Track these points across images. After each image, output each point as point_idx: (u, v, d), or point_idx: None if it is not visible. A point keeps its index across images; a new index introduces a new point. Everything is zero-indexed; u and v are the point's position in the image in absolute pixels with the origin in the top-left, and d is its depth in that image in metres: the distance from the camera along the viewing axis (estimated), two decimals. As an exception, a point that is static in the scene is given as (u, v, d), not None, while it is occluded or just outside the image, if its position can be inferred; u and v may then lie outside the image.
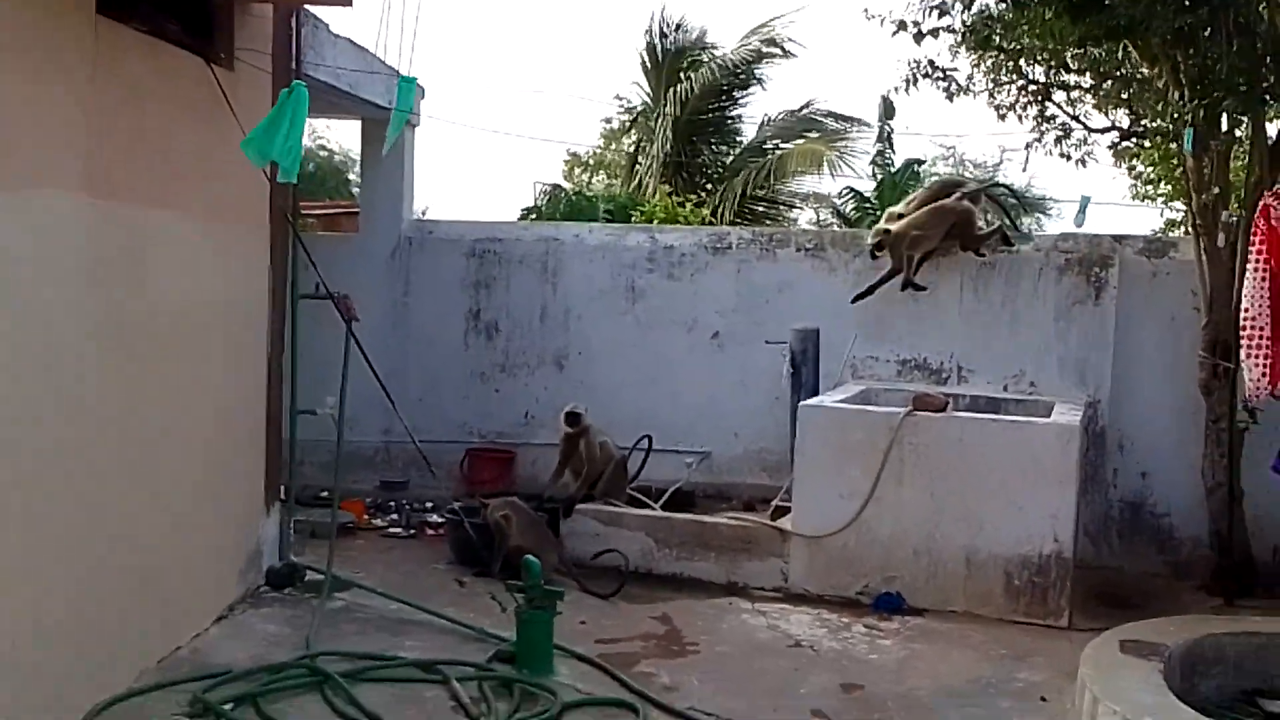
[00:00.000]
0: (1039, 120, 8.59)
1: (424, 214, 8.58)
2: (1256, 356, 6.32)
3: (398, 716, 4.98)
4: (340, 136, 24.47)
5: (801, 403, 7.54)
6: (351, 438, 7.53)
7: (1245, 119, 7.37)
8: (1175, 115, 7.20)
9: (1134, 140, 8.69)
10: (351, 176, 22.01)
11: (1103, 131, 8.62)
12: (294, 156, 4.33)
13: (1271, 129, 7.51)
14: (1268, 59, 7.16)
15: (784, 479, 8.50)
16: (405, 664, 5.58)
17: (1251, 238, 6.40)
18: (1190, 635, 6.06)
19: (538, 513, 7.59)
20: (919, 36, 7.90)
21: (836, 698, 5.60)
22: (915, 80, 8.28)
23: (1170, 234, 11.47)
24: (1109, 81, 8.14)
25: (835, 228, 17.83)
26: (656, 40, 19.30)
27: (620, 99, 22.34)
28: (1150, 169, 11.03)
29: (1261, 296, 6.24)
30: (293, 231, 6.65)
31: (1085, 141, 8.66)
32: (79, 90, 4.66)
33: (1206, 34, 7.05)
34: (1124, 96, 8.26)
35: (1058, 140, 8.61)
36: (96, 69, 4.73)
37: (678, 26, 19.37)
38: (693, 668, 5.92)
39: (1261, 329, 6.25)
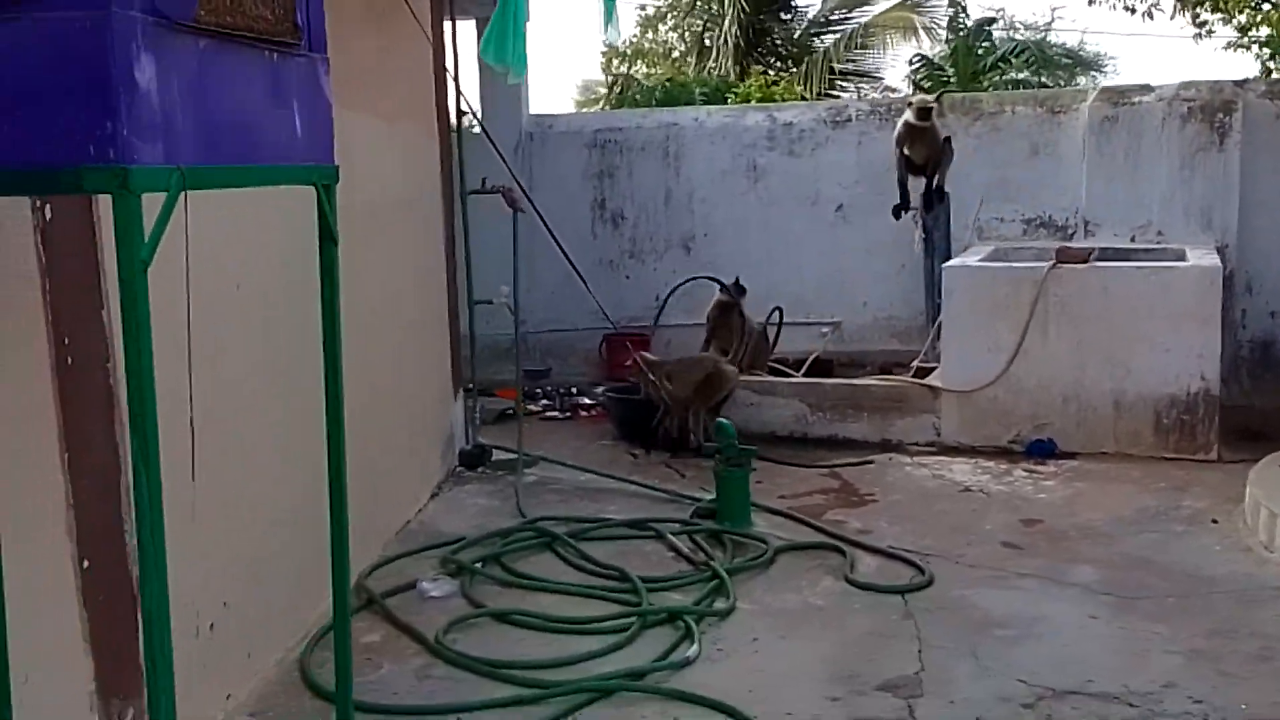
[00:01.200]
0: None
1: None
2: None
3: (627, 567, 5.41)
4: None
5: (945, 264, 7.81)
6: (486, 331, 7.84)
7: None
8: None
9: None
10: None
11: None
12: (522, 54, 4.59)
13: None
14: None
15: (913, 344, 8.83)
16: (619, 524, 6.02)
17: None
18: (1345, 457, 6.39)
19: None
20: None
21: (1020, 531, 5.98)
22: None
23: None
24: None
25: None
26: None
27: None
28: (1246, 16, 11.08)
29: None
30: (458, 130, 6.94)
31: None
32: None
33: None
34: None
35: None
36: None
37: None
38: (877, 514, 6.33)
39: None
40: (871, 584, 5.23)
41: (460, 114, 7.21)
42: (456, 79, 7.00)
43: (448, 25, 7.08)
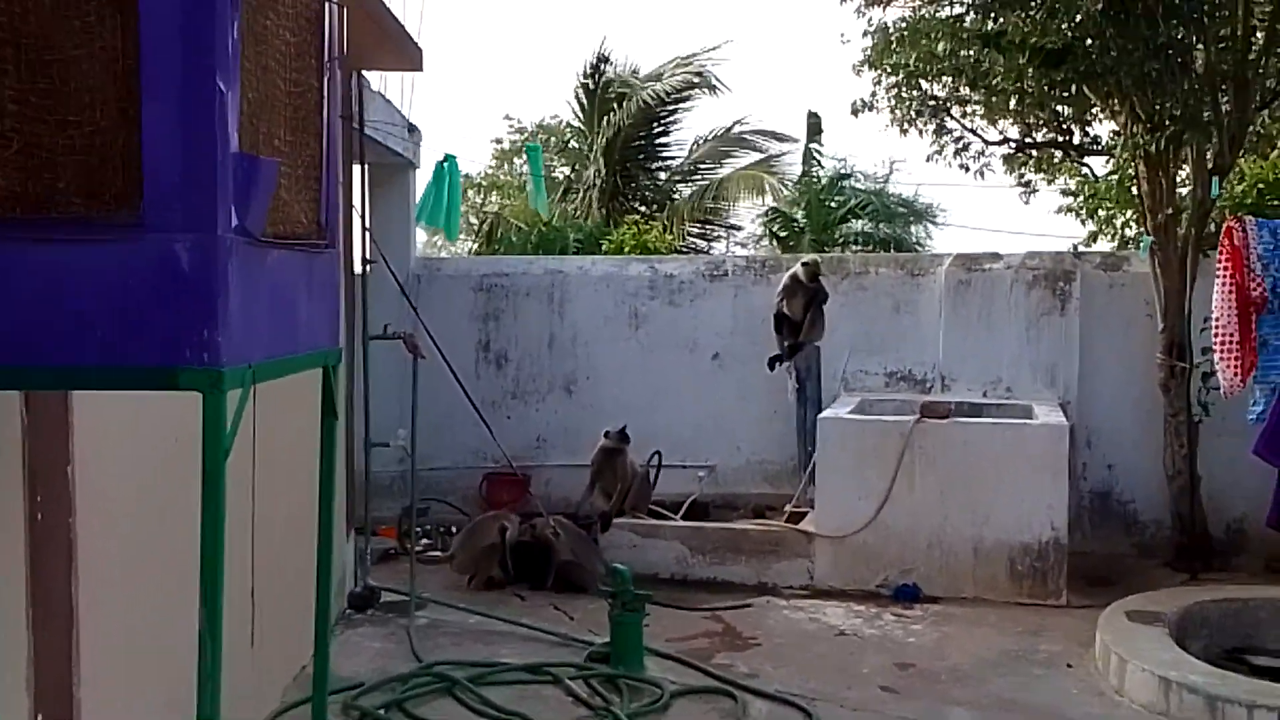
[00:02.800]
0: (938, 134, 9.67)
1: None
2: (1228, 359, 7.26)
3: (529, 713, 5.55)
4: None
5: (820, 415, 8.31)
6: (373, 467, 7.97)
7: (1189, 147, 8.40)
8: (1134, 146, 8.17)
9: (1025, 151, 9.80)
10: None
11: (1000, 143, 9.73)
12: (455, 219, 4.91)
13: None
14: (1205, 97, 8.21)
15: (785, 487, 9.27)
16: (517, 668, 6.16)
17: (1219, 256, 7.35)
18: (1181, 604, 6.99)
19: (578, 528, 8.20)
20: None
21: (896, 675, 6.35)
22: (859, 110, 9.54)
23: (1089, 246, 12.51)
24: (997, 97, 9.10)
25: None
26: (591, 73, 20.03)
27: (510, 119, 23.02)
28: (1075, 183, 12.20)
29: (1230, 307, 7.19)
30: (364, 276, 7.17)
31: (983, 154, 9.79)
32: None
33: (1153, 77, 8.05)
34: (1013, 108, 9.24)
35: (956, 152, 9.69)
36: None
37: (606, 59, 20.17)
38: (761, 657, 6.62)
39: (1231, 335, 7.19)
40: (764, 728, 5.50)
41: (366, 260, 7.44)
42: (364, 225, 7.25)
43: (356, 171, 7.36)
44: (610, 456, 8.56)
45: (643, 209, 19.36)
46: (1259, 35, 8.37)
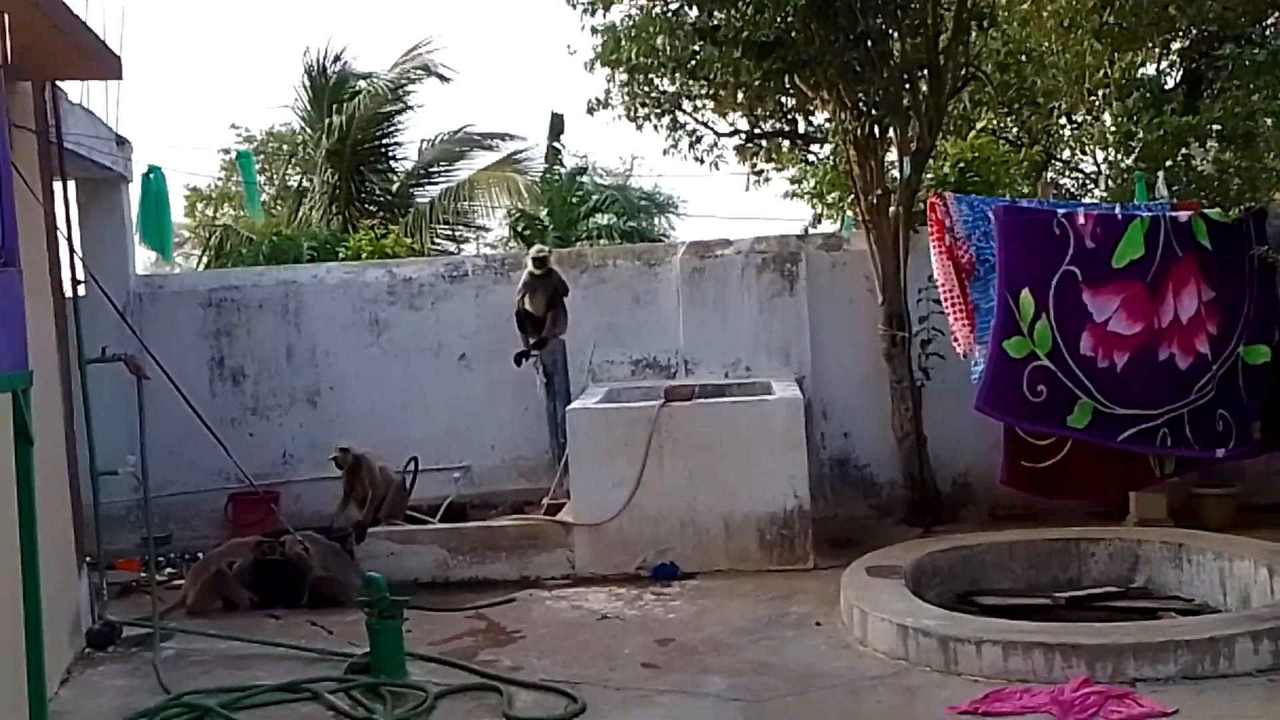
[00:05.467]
0: (671, 128, 10.07)
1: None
2: (959, 318, 7.75)
3: (288, 733, 5.39)
4: None
5: (569, 408, 8.41)
6: (103, 498, 7.55)
7: (892, 131, 8.97)
8: (844, 133, 8.68)
9: (754, 142, 10.31)
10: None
11: (730, 135, 10.21)
12: (168, 236, 4.68)
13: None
14: (904, 84, 8.80)
15: (541, 482, 9.34)
16: (272, 689, 5.95)
17: (930, 229, 7.86)
18: (915, 556, 7.47)
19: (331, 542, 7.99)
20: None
21: (656, 651, 6.51)
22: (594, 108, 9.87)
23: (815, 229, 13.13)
24: (721, 90, 9.51)
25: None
26: (314, 74, 19.44)
27: (236, 128, 22.24)
28: (797, 169, 12.84)
29: (949, 272, 7.70)
30: (74, 297, 6.75)
31: (715, 146, 10.25)
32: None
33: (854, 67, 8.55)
34: (740, 101, 9.69)
35: (691, 145, 10.11)
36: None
37: (337, 58, 19.64)
38: (525, 649, 6.65)
39: (958, 296, 7.70)
40: (530, 718, 5.52)
41: (76, 281, 7.01)
42: (71, 243, 6.83)
43: (58, 188, 6.92)
44: (349, 473, 8.39)
45: (380, 214, 18.96)
46: (948, 24, 9.03)
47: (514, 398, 9.61)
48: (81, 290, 7.74)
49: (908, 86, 8.78)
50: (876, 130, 8.73)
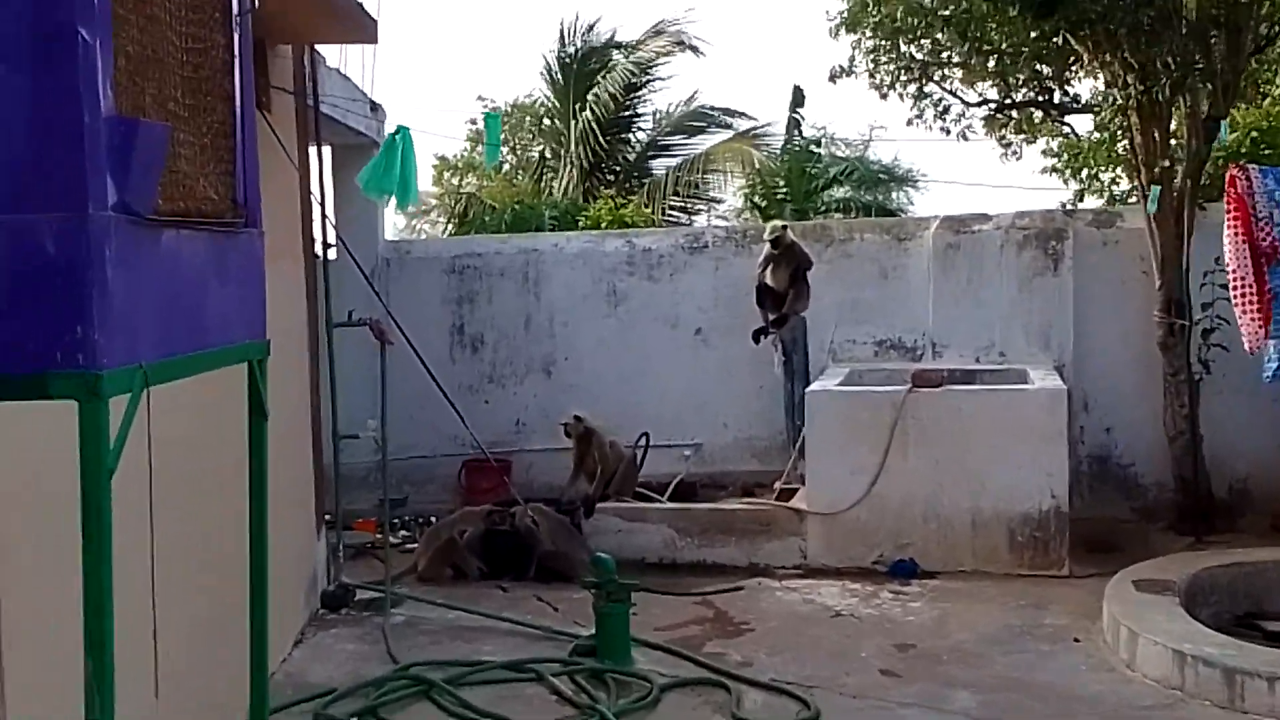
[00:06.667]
0: (917, 97, 9.39)
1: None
2: (1249, 310, 6.88)
3: (510, 715, 5.25)
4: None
5: (808, 389, 8.00)
6: (341, 460, 7.64)
7: (1183, 98, 8.09)
8: (1127, 98, 7.86)
9: (1004, 112, 9.51)
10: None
11: (979, 105, 9.43)
12: (413, 189, 4.61)
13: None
14: (1199, 44, 7.90)
15: (773, 464, 8.97)
16: (497, 666, 5.86)
17: (1226, 205, 7.00)
18: (1190, 570, 6.72)
19: (560, 515, 7.89)
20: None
21: (895, 657, 6.06)
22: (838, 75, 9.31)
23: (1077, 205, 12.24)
24: (978, 55, 8.81)
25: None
26: (565, 46, 19.58)
27: (483, 99, 22.60)
28: (1057, 142, 11.91)
29: (1243, 256, 6.83)
30: (324, 261, 6.83)
31: (963, 116, 9.52)
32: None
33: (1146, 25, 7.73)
34: (991, 68, 8.94)
35: (937, 116, 9.40)
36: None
37: (590, 27, 19.72)
38: (754, 643, 6.32)
39: (1250, 285, 6.82)
40: (759, 721, 5.21)
41: (326, 245, 7.10)
42: (324, 208, 6.90)
43: (313, 152, 7.01)
44: (580, 444, 8.25)
45: (616, 183, 18.97)
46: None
47: (750, 375, 9.27)
48: (332, 254, 7.89)
49: (1201, 47, 7.88)
50: (1169, 95, 7.87)
